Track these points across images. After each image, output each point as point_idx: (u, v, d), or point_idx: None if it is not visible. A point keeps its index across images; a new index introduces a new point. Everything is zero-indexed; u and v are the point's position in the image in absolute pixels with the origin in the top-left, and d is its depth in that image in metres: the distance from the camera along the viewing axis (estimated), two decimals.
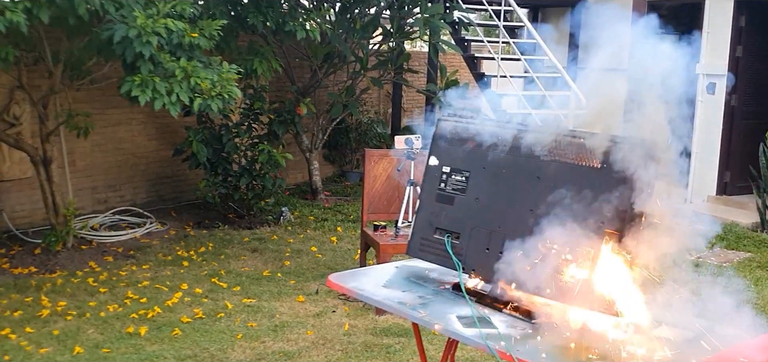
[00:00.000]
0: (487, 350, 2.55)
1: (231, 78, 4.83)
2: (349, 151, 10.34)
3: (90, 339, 4.62)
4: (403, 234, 5.37)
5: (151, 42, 4.38)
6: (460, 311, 2.81)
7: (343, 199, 8.94)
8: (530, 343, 2.56)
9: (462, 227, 2.97)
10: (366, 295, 3.05)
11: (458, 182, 3.04)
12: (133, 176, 7.98)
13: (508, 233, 2.77)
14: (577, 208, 2.59)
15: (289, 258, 6.50)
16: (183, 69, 4.64)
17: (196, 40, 4.70)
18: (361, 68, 8.51)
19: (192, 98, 4.66)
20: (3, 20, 4.08)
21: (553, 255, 2.63)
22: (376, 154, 5.79)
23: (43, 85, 6.50)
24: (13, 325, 4.77)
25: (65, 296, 5.35)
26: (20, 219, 7.07)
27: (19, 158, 6.94)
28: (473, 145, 3.02)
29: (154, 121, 8.04)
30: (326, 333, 4.86)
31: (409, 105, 11.43)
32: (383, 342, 4.75)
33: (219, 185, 7.42)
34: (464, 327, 2.67)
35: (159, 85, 4.55)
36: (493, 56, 8.75)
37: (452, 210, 3.02)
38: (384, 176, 5.72)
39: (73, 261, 6.18)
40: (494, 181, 2.91)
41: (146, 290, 5.51)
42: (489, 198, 2.91)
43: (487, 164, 2.95)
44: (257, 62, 6.31)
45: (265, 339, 4.71)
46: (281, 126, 7.83)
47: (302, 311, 5.23)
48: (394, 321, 5.09)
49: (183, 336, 4.70)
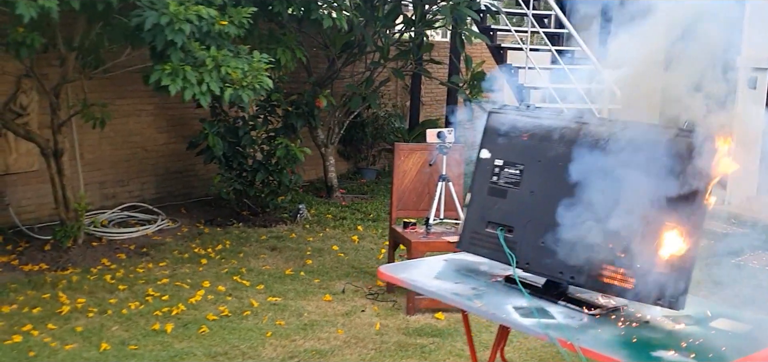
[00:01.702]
0: (548, 339, 2.79)
1: (261, 67, 5.08)
2: (364, 146, 10.57)
3: (115, 336, 4.86)
4: (435, 231, 5.62)
5: (184, 30, 4.62)
6: (515, 302, 3.04)
7: (359, 197, 9.18)
8: (590, 333, 2.79)
9: (516, 221, 3.20)
10: (418, 286, 3.28)
11: (512, 175, 3.26)
12: (143, 171, 8.23)
13: (565, 227, 2.99)
14: (638, 201, 2.81)
15: (311, 256, 6.74)
16: (213, 58, 4.89)
17: (225, 28, 4.94)
18: (380, 58, 8.74)
19: (222, 88, 4.91)
20: (35, 6, 4.32)
21: (613, 249, 2.86)
22: (405, 148, 6.03)
23: (51, 74, 6.75)
24: (34, 322, 5.02)
25: (83, 293, 5.59)
26: (26, 214, 7.31)
27: (26, 150, 7.19)
28: (527, 138, 3.25)
29: (164, 112, 8.29)
30: (357, 332, 5.10)
31: (428, 98, 11.68)
32: (417, 341, 4.99)
33: (234, 180, 7.66)
34: (522, 318, 2.91)
35: (189, 74, 4.79)
36: (521, 46, 8.97)
37: (505, 203, 3.24)
38: (414, 171, 5.96)
39: (84, 258, 6.42)
40: (550, 174, 3.14)
41: (167, 287, 5.75)
42: (545, 191, 3.13)
43: (542, 157, 3.18)
44: (281, 51, 6.56)
45: (295, 338, 4.95)
46: (299, 119, 8.07)
47: (330, 310, 5.47)
48: (426, 321, 5.34)
49: (211, 333, 4.94)
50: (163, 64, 4.74)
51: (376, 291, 5.87)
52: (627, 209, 2.79)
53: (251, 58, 5.13)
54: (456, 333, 5.14)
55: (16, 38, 4.90)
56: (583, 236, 2.92)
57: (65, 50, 6.04)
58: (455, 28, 8.46)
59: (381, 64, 8.81)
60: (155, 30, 4.68)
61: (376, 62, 8.80)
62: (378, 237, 7.54)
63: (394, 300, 5.67)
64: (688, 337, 2.77)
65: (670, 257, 2.76)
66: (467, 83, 8.79)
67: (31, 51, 4.97)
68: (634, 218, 2.79)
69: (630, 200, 2.78)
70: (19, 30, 4.88)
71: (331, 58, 8.74)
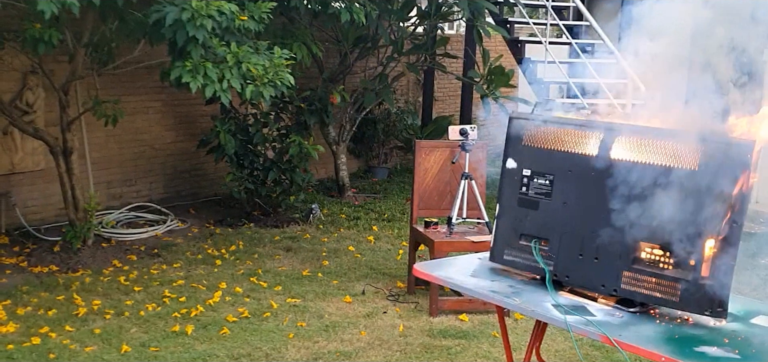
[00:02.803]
0: (589, 335, 2.94)
1: (282, 64, 5.23)
2: (376, 144, 10.71)
3: (135, 338, 5.02)
4: (458, 231, 5.77)
5: (205, 26, 4.78)
6: (555, 299, 3.19)
7: (372, 197, 9.34)
8: (631, 329, 2.94)
9: (550, 233, 3.29)
10: (455, 284, 3.44)
11: (542, 186, 3.35)
12: (150, 170, 8.38)
13: (603, 238, 3.10)
14: (674, 211, 2.92)
15: (327, 257, 6.90)
16: (234, 54, 5.04)
17: (245, 23, 5.10)
18: (394, 52, 8.89)
19: (243, 85, 5.06)
20: (56, 2, 4.47)
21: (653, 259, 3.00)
22: (427, 145, 6.19)
23: (58, 70, 6.91)
24: (51, 324, 5.17)
25: (98, 295, 5.75)
26: (32, 214, 7.47)
27: (32, 148, 7.35)
28: (555, 147, 3.33)
29: (172, 110, 8.45)
30: (381, 334, 5.26)
31: (441, 94, 11.83)
32: (442, 343, 5.14)
33: (245, 179, 7.81)
34: (562, 314, 3.06)
35: (210, 71, 4.95)
36: (541, 39, 9.12)
37: (538, 215, 3.33)
38: (435, 169, 6.11)
39: (95, 260, 6.58)
40: (583, 184, 3.20)
41: (183, 289, 5.91)
42: (579, 203, 3.22)
43: (573, 167, 3.24)
44: (296, 47, 6.71)
45: (317, 339, 5.11)
46: (312, 116, 8.22)
47: (351, 311, 5.63)
48: (450, 323, 5.49)
49: (232, 335, 5.10)
50: (184, 61, 4.89)
51: (396, 293, 6.03)
52: (668, 219, 2.91)
53: (271, 54, 5.28)
54: (481, 334, 5.30)
55: (33, 34, 5.05)
56: (622, 248, 3.06)
57: (76, 45, 6.18)
58: (472, 20, 8.58)
59: (395, 59, 8.96)
60: (176, 26, 4.83)
61: (391, 56, 8.95)
62: (394, 237, 7.69)
63: (416, 302, 5.83)
64: (729, 334, 2.92)
65: (713, 266, 2.88)
66: (485, 78, 8.93)
67: (49, 47, 5.14)
68: (675, 228, 2.91)
69: (664, 211, 2.91)
70: (36, 26, 5.03)
71: (343, 52, 8.88)
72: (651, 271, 3.04)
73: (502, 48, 10.60)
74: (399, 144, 11.01)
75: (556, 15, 9.39)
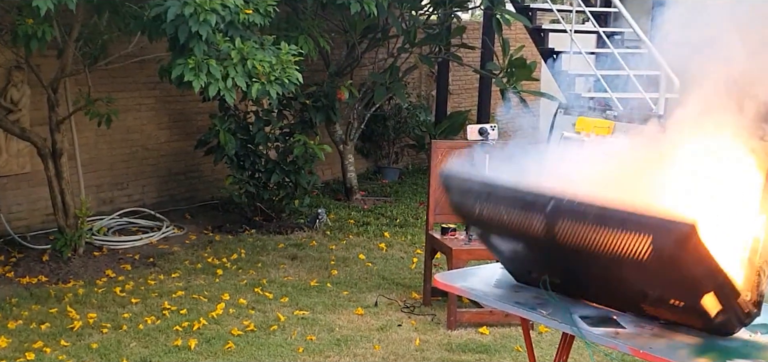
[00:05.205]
0: (618, 348, 3.14)
1: (290, 60, 5.44)
2: (385, 142, 10.91)
3: (135, 353, 5.24)
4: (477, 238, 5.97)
5: (209, 21, 4.98)
6: (582, 311, 3.39)
7: (382, 200, 9.54)
8: (662, 341, 3.14)
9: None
10: (479, 295, 3.64)
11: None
12: (142, 172, 8.60)
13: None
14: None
15: (336, 266, 7.11)
16: (239, 51, 5.25)
17: (250, 17, 5.31)
18: (406, 42, 9.07)
19: (249, 83, 5.27)
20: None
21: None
22: (443, 145, 6.39)
23: (44, 65, 7.12)
24: (45, 339, 5.40)
25: (92, 307, 5.97)
26: (17, 221, 7.68)
27: (17, 150, 7.57)
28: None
29: (166, 107, 8.67)
30: (396, 348, 5.47)
31: (456, 87, 12.04)
32: (461, 358, 5.35)
33: (246, 182, 8.01)
34: (590, 326, 3.26)
35: (214, 68, 5.16)
36: (565, 28, 9.27)
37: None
38: None
39: (87, 270, 6.81)
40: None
41: (183, 300, 6.13)
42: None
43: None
44: (302, 40, 6.92)
45: (329, 354, 5.32)
46: (319, 113, 8.42)
47: (363, 324, 5.84)
48: (470, 336, 5.70)
49: (238, 349, 5.32)
50: (186, 58, 5.09)
51: (411, 304, 6.23)
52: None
53: (278, 50, 5.49)
54: (503, 348, 5.50)
55: (26, 30, 5.27)
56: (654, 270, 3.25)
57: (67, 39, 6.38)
58: (490, 7, 8.75)
59: (407, 49, 9.14)
60: (178, 21, 5.04)
61: (402, 47, 9.13)
62: (408, 244, 7.90)
63: (433, 314, 6.03)
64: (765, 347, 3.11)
65: (750, 293, 3.08)
66: (504, 71, 9.11)
67: (42, 44, 5.35)
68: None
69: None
70: (29, 21, 5.24)
71: (350, 43, 9.05)
72: (685, 296, 3.20)
73: (523, 37, 10.79)
74: (411, 142, 11.20)
75: (582, 1, 9.55)
